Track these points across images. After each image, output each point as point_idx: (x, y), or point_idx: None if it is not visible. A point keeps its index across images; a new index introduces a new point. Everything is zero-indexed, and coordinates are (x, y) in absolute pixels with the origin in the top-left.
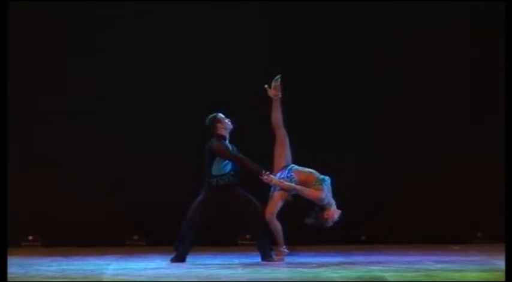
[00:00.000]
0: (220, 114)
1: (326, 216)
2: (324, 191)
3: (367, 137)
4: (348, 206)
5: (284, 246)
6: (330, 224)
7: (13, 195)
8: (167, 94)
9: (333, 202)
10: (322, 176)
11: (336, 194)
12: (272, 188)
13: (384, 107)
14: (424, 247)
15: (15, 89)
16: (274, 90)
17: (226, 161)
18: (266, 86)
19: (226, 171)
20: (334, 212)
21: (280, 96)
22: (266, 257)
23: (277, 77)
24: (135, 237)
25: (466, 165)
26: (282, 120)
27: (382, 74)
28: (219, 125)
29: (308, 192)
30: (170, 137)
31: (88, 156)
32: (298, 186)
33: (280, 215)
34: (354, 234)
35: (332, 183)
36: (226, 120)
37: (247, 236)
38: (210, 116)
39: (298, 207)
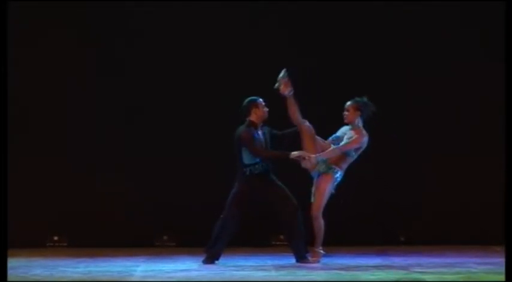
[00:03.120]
0: (261, 100)
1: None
2: (362, 135)
3: (403, 137)
4: (386, 206)
5: (320, 248)
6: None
7: (38, 194)
8: (194, 92)
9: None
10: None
11: (374, 195)
12: (314, 181)
13: (419, 107)
14: (464, 248)
15: (31, 88)
16: (284, 87)
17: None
18: (275, 86)
19: (259, 159)
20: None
21: (292, 91)
22: (301, 258)
23: (283, 72)
24: (165, 237)
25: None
26: (300, 113)
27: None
28: (254, 109)
29: (351, 145)
30: (200, 137)
31: (117, 155)
32: (338, 147)
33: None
34: (392, 235)
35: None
36: (265, 109)
37: (281, 237)
38: (249, 98)
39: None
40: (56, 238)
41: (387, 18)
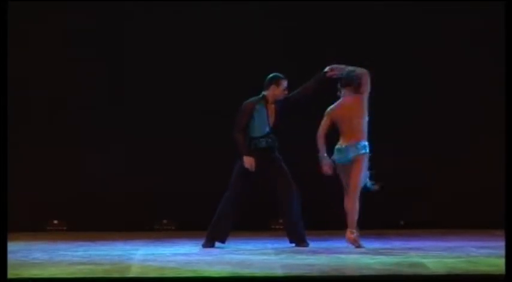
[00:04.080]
0: (285, 81)
1: None
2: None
3: (406, 123)
4: (387, 190)
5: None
6: None
7: (37, 177)
8: (196, 80)
9: None
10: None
11: (375, 179)
12: (341, 166)
13: (423, 96)
14: (465, 232)
15: (30, 76)
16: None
17: (265, 122)
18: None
19: (265, 132)
20: None
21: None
22: (300, 242)
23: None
24: (164, 221)
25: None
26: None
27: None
28: (274, 86)
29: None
30: (199, 123)
31: (116, 138)
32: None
33: (316, 201)
34: (392, 219)
35: None
36: (284, 91)
37: (281, 221)
38: (275, 73)
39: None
40: (55, 222)
41: (388, 18)
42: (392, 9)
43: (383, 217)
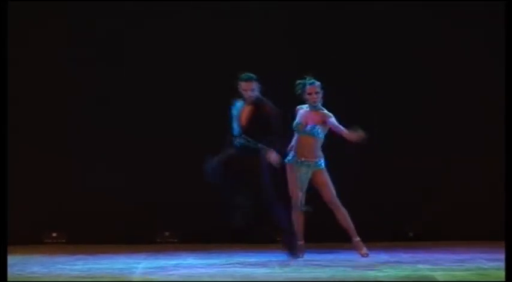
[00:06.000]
0: (241, 82)
1: None
2: None
3: (413, 133)
4: (395, 202)
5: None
6: None
7: (36, 189)
8: (194, 89)
9: None
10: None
11: (382, 190)
12: (304, 179)
13: (423, 96)
14: (474, 244)
15: (30, 86)
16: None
17: (236, 122)
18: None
19: (237, 132)
20: None
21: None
22: (294, 253)
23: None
24: (166, 234)
25: None
26: None
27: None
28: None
29: None
30: (202, 133)
31: (117, 150)
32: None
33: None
34: (400, 231)
35: None
36: (240, 90)
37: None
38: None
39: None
40: (54, 234)
41: (388, 18)
42: (392, 9)
43: (391, 229)
